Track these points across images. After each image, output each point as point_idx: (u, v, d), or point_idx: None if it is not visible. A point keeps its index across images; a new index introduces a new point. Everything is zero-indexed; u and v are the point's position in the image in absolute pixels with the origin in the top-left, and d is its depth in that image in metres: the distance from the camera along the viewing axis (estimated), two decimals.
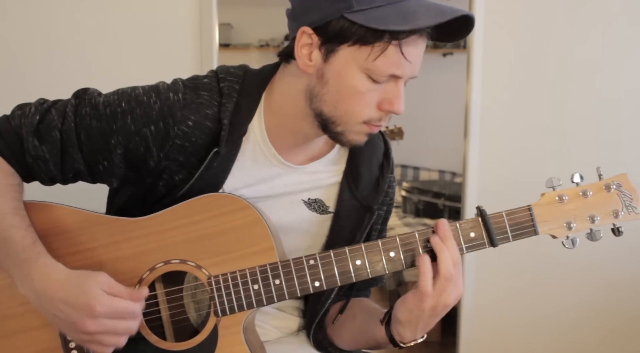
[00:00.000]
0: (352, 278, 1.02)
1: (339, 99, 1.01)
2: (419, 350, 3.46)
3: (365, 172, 1.15)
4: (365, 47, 0.96)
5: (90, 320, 0.92)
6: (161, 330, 1.06)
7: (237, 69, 1.11)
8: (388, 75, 0.99)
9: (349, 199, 1.14)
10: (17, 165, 1.04)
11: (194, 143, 1.04)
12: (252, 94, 1.08)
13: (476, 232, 1.02)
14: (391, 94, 1.01)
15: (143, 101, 1.04)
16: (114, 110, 1.04)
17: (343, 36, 0.97)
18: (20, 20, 2.00)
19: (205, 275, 1.03)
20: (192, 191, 1.05)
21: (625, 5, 2.17)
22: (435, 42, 1.02)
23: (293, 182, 1.13)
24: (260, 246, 1.03)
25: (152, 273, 1.03)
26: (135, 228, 1.04)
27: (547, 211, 1.02)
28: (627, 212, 1.02)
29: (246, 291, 1.02)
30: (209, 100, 1.05)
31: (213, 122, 1.05)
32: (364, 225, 1.14)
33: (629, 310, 2.33)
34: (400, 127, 3.19)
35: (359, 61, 0.97)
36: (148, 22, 2.04)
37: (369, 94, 1.00)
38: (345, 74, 0.99)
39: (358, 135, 1.05)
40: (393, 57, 0.97)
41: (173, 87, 1.06)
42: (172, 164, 1.06)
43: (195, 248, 1.03)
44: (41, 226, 1.02)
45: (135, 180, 1.09)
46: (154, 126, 1.03)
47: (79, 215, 1.05)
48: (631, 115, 2.23)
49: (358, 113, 1.01)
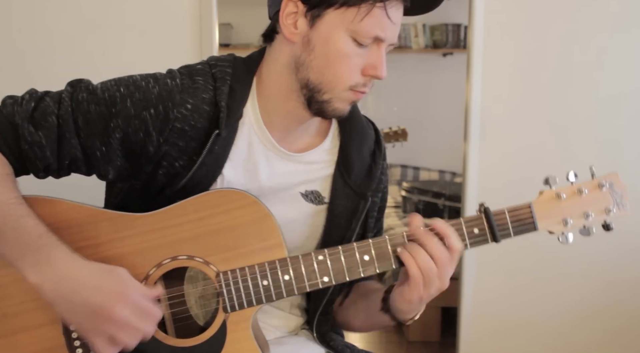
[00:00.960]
0: (360, 274, 1.03)
1: (325, 64, 1.03)
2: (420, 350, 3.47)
3: (357, 160, 1.16)
4: (352, 8, 1.00)
5: (120, 306, 0.91)
6: (163, 328, 1.05)
7: (227, 56, 1.13)
8: (373, 37, 1.02)
9: (342, 187, 1.15)
10: (9, 154, 1.02)
11: (193, 127, 1.05)
12: (244, 78, 1.10)
13: (479, 228, 1.05)
14: (374, 58, 1.03)
15: (142, 86, 1.05)
16: (113, 95, 1.04)
17: (329, 0, 1.00)
18: (21, 20, 2.00)
19: (213, 271, 1.03)
20: (194, 178, 1.06)
21: (625, 6, 2.17)
22: (434, 41, 1.05)
23: (289, 171, 1.13)
24: (269, 242, 1.03)
25: (158, 270, 1.03)
26: (141, 224, 1.03)
27: (546, 208, 1.06)
28: (618, 208, 1.07)
29: (255, 287, 1.02)
30: (204, 84, 1.07)
31: (210, 105, 1.06)
32: (359, 213, 1.15)
33: (629, 310, 2.33)
34: (404, 128, 3.19)
35: (345, 23, 1.00)
36: (148, 22, 2.04)
37: (354, 58, 1.03)
38: (331, 38, 1.02)
39: (343, 103, 1.07)
40: (378, 18, 1.00)
41: (169, 74, 1.08)
42: (172, 149, 1.05)
43: (203, 244, 1.03)
44: (45, 221, 1.00)
45: (132, 171, 1.08)
46: (153, 109, 1.03)
47: (83, 211, 1.04)
48: (631, 115, 2.23)
49: (345, 77, 1.04)
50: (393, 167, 4.51)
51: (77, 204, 1.04)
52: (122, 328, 0.93)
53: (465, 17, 2.28)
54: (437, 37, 4.39)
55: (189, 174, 1.05)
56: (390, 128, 3.20)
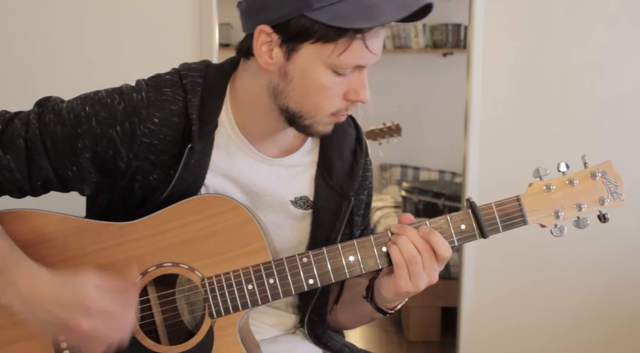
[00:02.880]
0: (345, 275, 1.03)
1: (305, 95, 1.00)
2: (420, 350, 3.47)
3: (338, 161, 1.15)
4: (329, 44, 0.95)
5: (84, 319, 0.91)
6: (155, 334, 1.05)
7: (199, 64, 1.10)
8: (353, 67, 0.99)
9: (325, 189, 1.14)
10: None
11: (163, 140, 1.04)
12: (216, 88, 1.08)
13: (467, 224, 1.03)
14: (356, 84, 1.01)
15: (107, 103, 1.03)
16: (78, 115, 1.02)
17: (305, 34, 0.95)
18: (21, 20, 2.00)
19: (198, 277, 1.02)
20: (174, 192, 1.04)
21: (625, 5, 2.17)
22: (434, 41, 1.03)
23: (273, 176, 1.12)
24: (253, 246, 1.03)
25: (144, 277, 1.03)
26: (125, 232, 1.03)
27: (536, 201, 1.03)
28: (613, 198, 1.03)
29: (240, 291, 1.02)
30: (173, 96, 1.05)
31: (180, 117, 1.04)
32: (342, 214, 1.14)
33: (629, 310, 2.33)
34: (398, 123, 3.18)
35: (323, 57, 0.96)
36: (148, 22, 2.04)
37: (334, 87, 1.00)
38: (309, 71, 0.98)
39: (326, 126, 1.05)
40: (357, 51, 0.96)
41: (136, 87, 1.06)
42: (143, 163, 1.04)
43: (187, 251, 1.02)
44: (28, 235, 1.01)
45: (108, 186, 1.07)
46: (119, 126, 1.02)
47: (65, 222, 1.04)
48: (631, 115, 2.23)
49: (327, 107, 1.01)
50: (393, 167, 4.51)
51: (60, 215, 1.04)
52: (94, 338, 0.93)
53: (465, 17, 2.28)
54: (437, 37, 4.39)
55: (168, 188, 1.04)
56: (384, 124, 3.20)
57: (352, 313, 1.19)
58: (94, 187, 1.07)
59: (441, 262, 1.01)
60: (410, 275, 1.00)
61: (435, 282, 1.02)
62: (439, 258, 1.00)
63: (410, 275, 1.00)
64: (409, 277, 1.00)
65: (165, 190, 1.04)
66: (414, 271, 0.99)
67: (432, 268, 1.00)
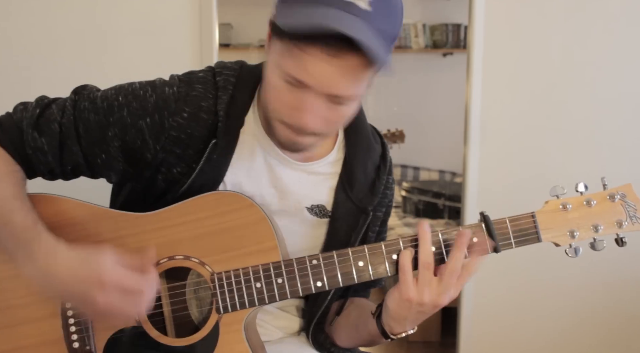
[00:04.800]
0: (354, 279, 1.02)
1: (265, 91, 1.02)
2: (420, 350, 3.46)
3: (361, 174, 1.15)
4: (281, 42, 0.94)
5: (100, 293, 0.92)
6: (162, 325, 1.06)
7: (234, 63, 1.12)
8: (294, 79, 0.94)
9: (344, 201, 1.14)
10: (17, 156, 1.06)
11: (190, 135, 1.05)
12: (247, 88, 1.09)
13: (479, 238, 1.02)
14: (296, 102, 0.95)
15: (139, 95, 1.06)
16: (111, 104, 1.06)
17: (273, 28, 0.96)
18: (21, 20, 2.00)
19: (208, 272, 1.04)
20: (194, 185, 1.06)
21: (625, 6, 2.18)
22: (434, 41, 1.01)
23: (294, 180, 1.13)
24: (264, 245, 1.04)
25: (156, 269, 1.03)
26: (141, 223, 1.05)
27: (551, 219, 1.02)
28: (631, 222, 1.02)
29: (248, 289, 1.03)
30: (204, 92, 1.06)
31: (208, 114, 1.06)
32: (358, 227, 1.14)
33: (629, 310, 2.33)
34: (402, 130, 3.19)
35: (276, 56, 0.96)
36: (148, 22, 2.04)
37: (282, 93, 0.96)
38: (270, 65, 0.99)
39: (284, 134, 1.01)
40: (298, 61, 0.92)
41: (169, 81, 1.08)
42: (169, 156, 1.06)
43: (199, 245, 1.04)
44: (48, 219, 1.03)
45: (134, 174, 1.09)
46: (149, 118, 1.05)
47: (85, 209, 1.07)
48: (632, 116, 2.23)
49: (276, 110, 0.99)
50: (393, 167, 4.50)
51: (80, 202, 1.07)
52: (110, 312, 0.94)
53: (465, 17, 2.28)
54: (437, 37, 4.38)
55: (188, 181, 1.06)
56: (388, 130, 3.20)
57: (355, 331, 1.17)
58: (121, 175, 1.10)
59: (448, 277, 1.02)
60: (417, 280, 0.99)
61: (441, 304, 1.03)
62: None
63: (417, 280, 0.99)
64: (415, 284, 0.99)
65: (185, 183, 1.06)
66: (423, 278, 0.99)
67: (443, 285, 1.02)
